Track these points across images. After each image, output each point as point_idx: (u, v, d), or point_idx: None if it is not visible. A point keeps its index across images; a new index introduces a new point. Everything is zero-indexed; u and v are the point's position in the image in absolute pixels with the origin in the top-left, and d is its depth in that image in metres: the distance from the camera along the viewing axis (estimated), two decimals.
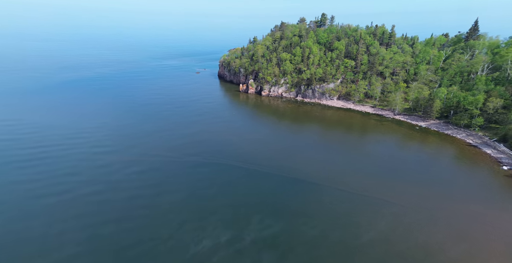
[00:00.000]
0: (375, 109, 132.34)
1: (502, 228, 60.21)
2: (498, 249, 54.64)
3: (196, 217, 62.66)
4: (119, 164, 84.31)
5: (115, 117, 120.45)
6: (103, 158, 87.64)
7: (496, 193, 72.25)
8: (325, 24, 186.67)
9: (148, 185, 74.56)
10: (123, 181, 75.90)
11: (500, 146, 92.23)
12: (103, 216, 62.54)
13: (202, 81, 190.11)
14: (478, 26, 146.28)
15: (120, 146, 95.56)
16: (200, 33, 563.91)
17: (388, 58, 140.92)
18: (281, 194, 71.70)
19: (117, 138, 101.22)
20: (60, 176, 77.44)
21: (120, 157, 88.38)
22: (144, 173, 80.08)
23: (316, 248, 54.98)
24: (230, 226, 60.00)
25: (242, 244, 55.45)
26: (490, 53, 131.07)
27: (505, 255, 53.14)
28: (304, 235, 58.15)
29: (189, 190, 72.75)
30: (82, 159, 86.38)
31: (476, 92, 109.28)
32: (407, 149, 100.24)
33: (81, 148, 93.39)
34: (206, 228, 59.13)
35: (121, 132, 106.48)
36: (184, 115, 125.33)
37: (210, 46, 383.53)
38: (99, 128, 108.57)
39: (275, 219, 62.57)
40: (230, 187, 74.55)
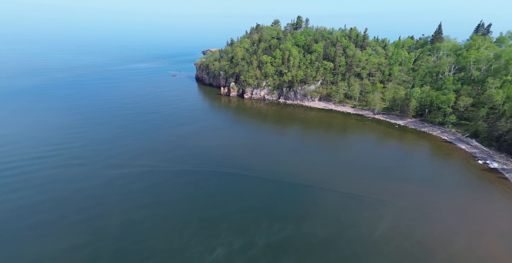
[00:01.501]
0: (355, 109, 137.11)
1: (490, 219, 64.80)
2: (492, 240, 58.64)
3: (204, 225, 61.44)
4: (104, 178, 78.21)
5: (90, 127, 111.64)
6: (84, 172, 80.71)
7: (477, 187, 77.91)
8: (301, 27, 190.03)
9: (144, 198, 70.36)
10: (112, 196, 70.44)
11: (473, 141, 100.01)
12: (102, 241, 57.17)
13: (181, 85, 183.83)
14: (441, 30, 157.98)
15: (100, 158, 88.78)
16: (170, 34, 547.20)
17: (364, 59, 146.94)
18: (281, 199, 71.27)
19: (95, 149, 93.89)
20: (38, 195, 69.96)
21: (103, 170, 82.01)
22: (135, 185, 75.10)
23: (330, 250, 55.65)
24: (241, 232, 59.69)
25: (257, 250, 55.26)
26: (454, 54, 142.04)
27: (499, 246, 57.16)
28: (315, 237, 58.65)
29: (189, 200, 70.35)
30: (59, 180, 78.52)
31: (446, 92, 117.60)
32: (389, 148, 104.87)
33: (55, 162, 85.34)
34: (218, 236, 58.49)
35: (99, 143, 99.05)
36: (169, 122, 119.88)
37: (182, 48, 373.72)
38: (74, 140, 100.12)
39: (283, 223, 62.55)
40: (229, 194, 72.99)
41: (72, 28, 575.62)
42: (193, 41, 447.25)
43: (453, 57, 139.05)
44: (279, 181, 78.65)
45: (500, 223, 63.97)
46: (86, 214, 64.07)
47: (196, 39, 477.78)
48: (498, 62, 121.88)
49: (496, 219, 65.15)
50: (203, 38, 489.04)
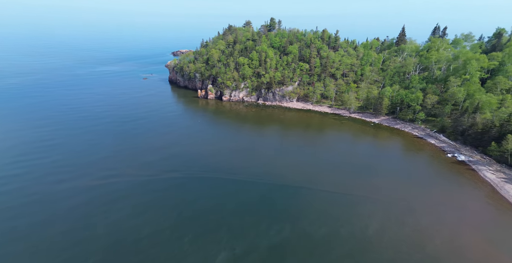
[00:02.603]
0: (332, 108, 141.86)
1: (466, 209, 70.57)
2: (472, 228, 63.92)
3: (203, 231, 60.69)
4: (86, 193, 72.37)
5: (61, 139, 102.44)
6: (65, 190, 73.95)
7: (450, 179, 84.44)
8: (275, 28, 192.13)
9: (132, 209, 66.77)
10: (97, 209, 65.36)
11: (441, 136, 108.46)
12: (97, 257, 52.86)
13: (154, 88, 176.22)
14: (405, 32, 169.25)
15: (78, 172, 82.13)
16: (135, 33, 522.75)
17: (337, 60, 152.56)
18: (273, 201, 71.69)
19: (71, 164, 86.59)
20: (14, 219, 62.78)
21: (83, 184, 75.96)
22: (120, 197, 70.53)
23: (330, 248, 57.20)
24: (242, 235, 59.74)
25: (260, 253, 55.51)
26: (417, 55, 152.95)
27: (479, 233, 62.46)
28: (313, 237, 59.99)
29: (181, 207, 68.53)
30: (37, 201, 70.98)
31: (414, 90, 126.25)
32: (368, 145, 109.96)
33: (26, 181, 77.22)
34: (218, 241, 58.07)
35: (75, 156, 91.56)
36: (147, 129, 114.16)
37: (150, 49, 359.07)
38: (46, 154, 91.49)
39: (281, 224, 63.23)
40: (221, 198, 72.18)
41: (30, 27, 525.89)
42: (161, 41, 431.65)
43: (417, 58, 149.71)
44: (268, 184, 78.88)
45: (475, 212, 70.07)
46: (72, 236, 58.73)
47: (164, 39, 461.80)
48: (456, 62, 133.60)
49: (471, 208, 71.21)
50: (172, 38, 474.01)
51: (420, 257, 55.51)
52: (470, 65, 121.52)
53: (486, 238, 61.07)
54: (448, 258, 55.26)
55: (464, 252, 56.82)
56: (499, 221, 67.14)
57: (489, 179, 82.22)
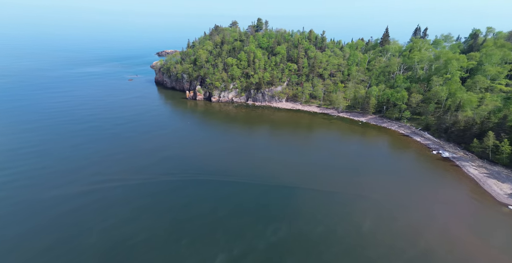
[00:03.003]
0: (321, 108, 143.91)
1: (454, 204, 73.40)
2: (461, 223, 66.52)
3: (200, 234, 60.32)
4: (78, 198, 69.92)
5: (47, 145, 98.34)
6: (55, 197, 71.03)
7: (436, 175, 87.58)
8: (262, 29, 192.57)
9: (126, 213, 65.45)
10: (89, 215, 63.22)
11: (425, 134, 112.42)
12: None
13: (140, 90, 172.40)
14: (388, 33, 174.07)
15: (69, 176, 79.33)
16: (119, 33, 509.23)
17: (325, 61, 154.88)
18: (268, 201, 72.04)
19: (61, 167, 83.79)
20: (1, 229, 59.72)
21: (74, 188, 73.43)
22: (113, 202, 68.69)
23: (328, 246, 58.29)
24: (239, 237, 59.77)
25: (259, 253, 55.83)
26: (401, 56, 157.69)
27: (468, 227, 65.14)
28: (310, 235, 60.88)
29: (176, 210, 67.92)
30: (25, 200, 67.97)
31: (399, 89, 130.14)
32: (357, 144, 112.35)
33: (14, 190, 73.58)
34: (216, 243, 57.94)
35: (64, 159, 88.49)
36: (136, 132, 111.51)
37: (134, 49, 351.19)
38: (35, 159, 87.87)
39: (277, 224, 63.73)
40: (216, 200, 71.88)
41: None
42: (146, 41, 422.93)
43: (401, 58, 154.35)
44: (261, 185, 79.10)
45: (461, 206, 73.13)
46: (65, 243, 56.67)
47: (149, 39, 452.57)
48: (438, 62, 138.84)
49: (457, 203, 74.25)
50: (157, 38, 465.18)
51: (413, 251, 57.36)
52: (451, 65, 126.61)
53: (473, 231, 63.88)
54: (439, 252, 57.35)
55: (454, 246, 59.15)
56: (484, 215, 70.34)
57: (472, 175, 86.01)
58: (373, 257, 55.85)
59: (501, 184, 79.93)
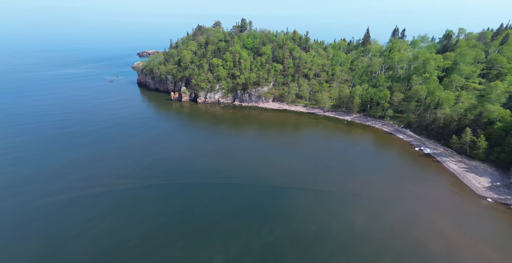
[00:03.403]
0: (307, 108, 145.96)
1: (437, 199, 76.79)
2: (445, 216, 69.68)
3: (194, 236, 59.87)
4: (62, 206, 66.75)
5: (29, 149, 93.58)
6: (40, 204, 67.49)
7: (419, 171, 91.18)
8: (246, 29, 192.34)
9: (113, 220, 63.37)
10: (73, 222, 60.53)
11: (407, 131, 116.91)
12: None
13: (123, 91, 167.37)
14: (369, 33, 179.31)
15: (51, 184, 75.51)
16: (96, 33, 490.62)
17: (309, 61, 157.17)
18: (261, 202, 72.36)
19: (42, 175, 79.67)
20: None
21: (57, 195, 70.02)
22: (98, 209, 66.09)
23: (324, 243, 59.48)
24: (234, 238, 59.81)
25: (256, 254, 56.06)
26: (382, 56, 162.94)
27: (451, 221, 68.33)
28: (306, 233, 61.88)
29: (168, 214, 66.81)
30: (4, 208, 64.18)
31: (381, 88, 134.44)
32: (343, 142, 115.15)
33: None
34: (211, 245, 57.72)
35: (44, 166, 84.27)
36: (120, 135, 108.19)
37: (114, 50, 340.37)
38: (13, 166, 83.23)
39: (272, 224, 64.21)
40: (208, 203, 71.39)
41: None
42: (125, 42, 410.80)
43: (382, 58, 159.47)
44: (253, 186, 79.27)
45: (444, 200, 76.69)
46: (53, 252, 53.98)
47: (129, 39, 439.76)
48: (416, 62, 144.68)
49: (440, 197, 77.76)
50: (136, 39, 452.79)
51: (403, 246, 59.54)
52: (429, 65, 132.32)
53: (456, 224, 67.15)
54: (428, 245, 59.84)
55: (440, 239, 61.87)
56: (465, 208, 74.06)
57: (453, 170, 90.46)
58: (366, 253, 57.46)
59: (479, 178, 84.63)
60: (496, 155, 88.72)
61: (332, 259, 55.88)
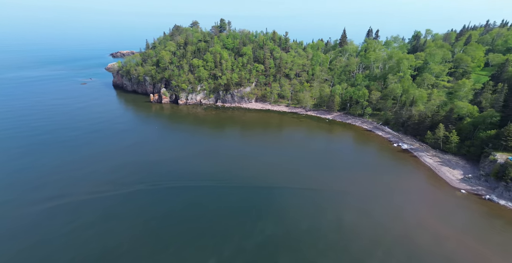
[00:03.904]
0: (289, 107, 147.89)
1: (418, 192, 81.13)
2: (425, 207, 73.64)
3: (187, 240, 59.39)
4: (53, 214, 62.39)
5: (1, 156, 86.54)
6: (23, 214, 62.60)
7: (399, 166, 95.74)
8: (225, 29, 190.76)
9: (101, 227, 60.51)
10: (57, 232, 56.92)
11: (386, 128, 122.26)
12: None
13: (98, 94, 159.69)
14: (346, 34, 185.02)
15: (23, 193, 70.34)
16: (62, 32, 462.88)
17: (290, 61, 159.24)
18: (251, 203, 72.68)
19: (12, 185, 73.91)
20: None
21: (34, 207, 65.35)
22: (82, 217, 62.82)
23: (316, 240, 60.87)
24: (227, 239, 59.93)
25: (249, 253, 56.61)
26: (358, 55, 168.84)
27: (430, 211, 72.38)
28: (298, 231, 63.21)
29: (158, 220, 65.33)
30: None
31: (360, 87, 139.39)
32: (326, 141, 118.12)
33: None
34: (205, 248, 57.31)
35: (15, 177, 78.32)
36: (101, 140, 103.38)
37: (84, 50, 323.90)
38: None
39: (263, 223, 65.09)
40: (198, 206, 70.79)
41: None
42: (97, 42, 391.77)
43: (359, 57, 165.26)
44: (241, 187, 79.37)
45: (423, 193, 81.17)
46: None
47: (101, 39, 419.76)
48: (390, 61, 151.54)
49: (419, 190, 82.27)
50: (110, 38, 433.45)
51: (390, 239, 62.30)
52: (402, 64, 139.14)
53: (436, 215, 71.35)
54: (412, 237, 63.07)
55: (424, 230, 65.46)
56: (442, 199, 78.53)
57: (429, 164, 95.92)
58: (358, 245, 59.63)
59: (452, 171, 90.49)
60: (466, 148, 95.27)
61: (324, 257, 57.23)
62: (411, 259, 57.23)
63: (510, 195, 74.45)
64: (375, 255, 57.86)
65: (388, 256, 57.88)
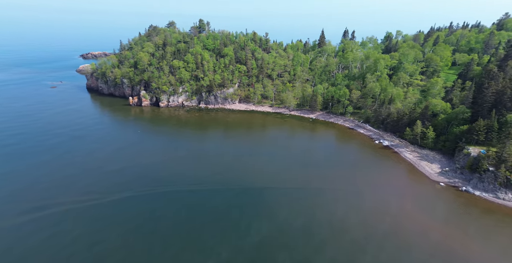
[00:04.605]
0: (273, 108, 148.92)
1: (399, 185, 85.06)
2: (409, 201, 77.16)
3: (184, 243, 58.80)
4: (35, 227, 57.65)
5: None
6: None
7: (382, 162, 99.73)
8: (204, 30, 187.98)
9: (97, 233, 56.90)
10: (45, 250, 52.97)
11: (367, 126, 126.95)
12: None
13: (71, 98, 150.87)
14: (324, 35, 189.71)
15: (9, 204, 64.83)
16: (25, 32, 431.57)
17: (271, 62, 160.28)
18: (243, 204, 72.98)
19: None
20: None
21: (22, 217, 60.42)
22: (68, 227, 58.99)
23: (311, 237, 62.17)
24: (224, 241, 59.91)
25: (247, 252, 57.07)
26: (337, 56, 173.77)
27: (414, 204, 76.06)
28: (292, 229, 64.18)
29: (150, 226, 63.57)
30: None
31: (340, 87, 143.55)
32: (310, 139, 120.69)
33: None
34: (202, 250, 57.05)
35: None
36: (81, 147, 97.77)
37: (51, 51, 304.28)
38: None
39: (258, 222, 65.68)
40: (190, 211, 69.84)
41: None
42: (64, 42, 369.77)
43: (337, 58, 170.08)
44: (231, 189, 79.00)
45: (405, 187, 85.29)
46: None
47: (68, 40, 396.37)
48: (368, 61, 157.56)
49: (401, 184, 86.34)
50: (79, 38, 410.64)
51: (383, 229, 65.14)
52: (379, 64, 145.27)
53: (419, 207, 75.22)
54: (400, 230, 66.10)
55: (410, 222, 68.85)
56: (423, 193, 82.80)
57: (409, 159, 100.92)
58: (352, 239, 61.87)
59: (431, 165, 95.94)
60: (442, 143, 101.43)
61: (320, 254, 58.38)
62: (400, 252, 59.87)
63: (484, 186, 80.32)
64: (368, 250, 59.76)
65: (380, 250, 60.03)
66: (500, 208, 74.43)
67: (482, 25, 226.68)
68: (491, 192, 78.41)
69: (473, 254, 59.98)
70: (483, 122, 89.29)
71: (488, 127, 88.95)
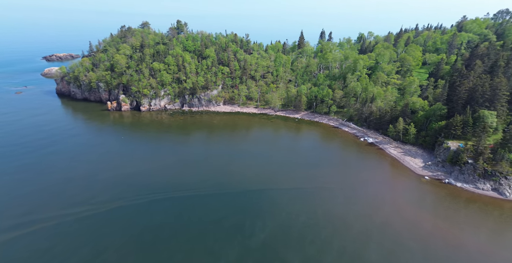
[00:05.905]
0: (258, 109, 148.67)
1: (387, 180, 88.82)
2: (398, 195, 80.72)
3: (190, 247, 58.32)
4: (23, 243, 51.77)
5: None
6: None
7: (368, 159, 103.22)
8: (183, 31, 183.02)
9: (93, 245, 53.81)
10: None
11: (351, 124, 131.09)
12: None
13: (40, 104, 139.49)
14: (303, 36, 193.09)
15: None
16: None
17: (254, 63, 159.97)
18: (242, 206, 72.68)
19: None
20: None
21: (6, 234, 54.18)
22: (70, 236, 54.23)
23: (316, 233, 63.62)
24: (229, 242, 59.85)
25: (254, 252, 57.60)
26: (317, 56, 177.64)
27: (403, 198, 79.65)
28: (295, 226, 65.48)
29: (154, 232, 62.03)
30: None
31: (323, 87, 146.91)
32: (298, 139, 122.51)
33: None
34: (210, 253, 56.77)
35: None
36: (59, 157, 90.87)
37: (9, 53, 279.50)
38: None
39: (261, 221, 66.39)
40: (189, 215, 68.87)
41: None
42: (23, 43, 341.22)
43: (317, 58, 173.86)
44: (227, 193, 78.10)
45: (393, 181, 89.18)
46: None
47: (27, 40, 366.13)
48: (347, 61, 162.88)
49: (389, 179, 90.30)
50: (40, 39, 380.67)
51: (379, 221, 67.93)
52: (358, 64, 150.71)
53: (408, 201, 79.11)
54: (393, 223, 68.88)
55: (402, 216, 71.97)
56: (410, 186, 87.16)
57: (393, 154, 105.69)
58: (352, 234, 64.33)
59: (414, 160, 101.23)
60: (422, 139, 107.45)
61: (327, 245, 59.91)
62: (397, 246, 62.21)
63: (464, 177, 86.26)
64: (369, 246, 61.47)
65: (380, 246, 61.94)
66: (480, 198, 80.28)
67: (444, 26, 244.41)
68: (471, 183, 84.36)
69: (462, 241, 64.35)
70: (459, 118, 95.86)
71: (464, 122, 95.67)
